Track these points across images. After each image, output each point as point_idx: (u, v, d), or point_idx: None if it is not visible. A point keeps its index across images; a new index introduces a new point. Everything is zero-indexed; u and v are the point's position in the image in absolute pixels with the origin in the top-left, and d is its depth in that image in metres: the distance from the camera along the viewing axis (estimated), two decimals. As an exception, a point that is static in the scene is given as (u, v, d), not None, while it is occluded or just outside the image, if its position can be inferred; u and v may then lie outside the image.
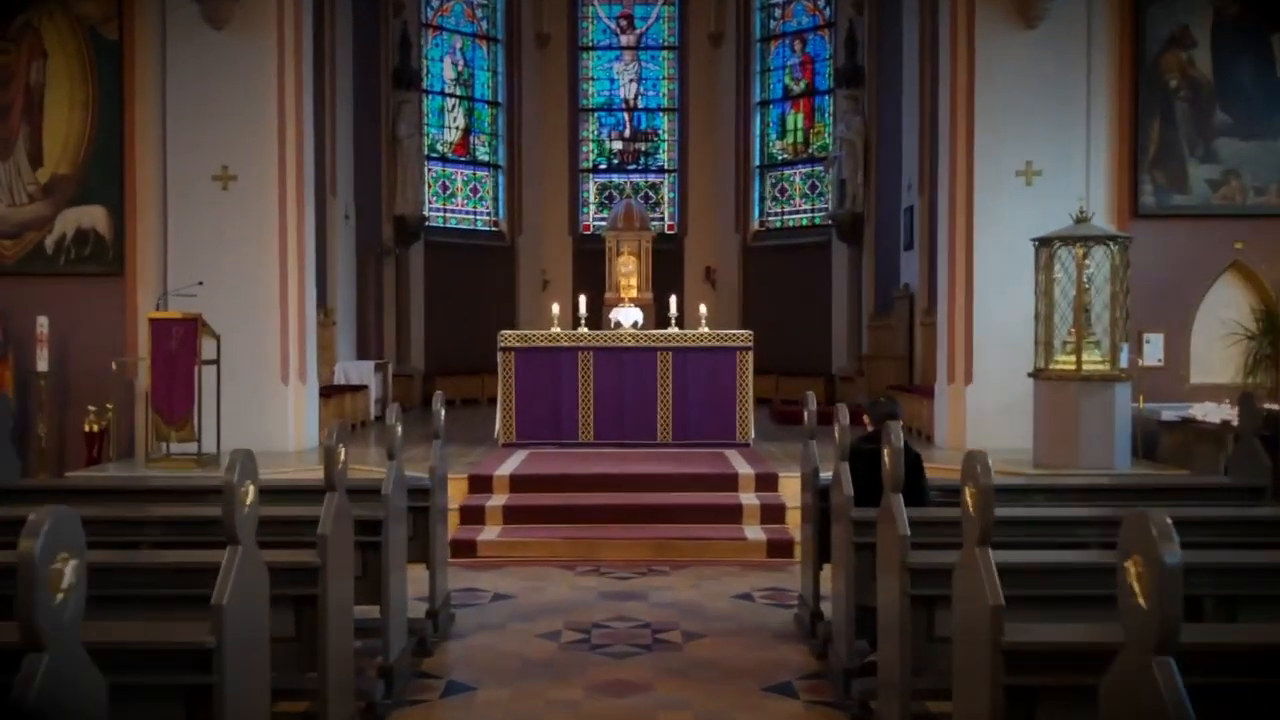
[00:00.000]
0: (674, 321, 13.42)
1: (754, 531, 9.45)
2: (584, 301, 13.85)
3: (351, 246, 16.83)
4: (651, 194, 21.92)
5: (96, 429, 10.99)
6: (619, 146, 22.07)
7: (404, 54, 18.67)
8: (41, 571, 2.61)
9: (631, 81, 22.03)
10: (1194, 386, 11.28)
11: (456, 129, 20.81)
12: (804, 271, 19.81)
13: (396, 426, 6.29)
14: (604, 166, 22.06)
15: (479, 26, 21.02)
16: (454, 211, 20.69)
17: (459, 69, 20.76)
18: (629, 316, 15.63)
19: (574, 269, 20.75)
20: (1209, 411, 10.02)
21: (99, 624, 3.31)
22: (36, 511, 2.64)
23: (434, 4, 20.28)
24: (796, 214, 20.87)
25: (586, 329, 13.20)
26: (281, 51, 11.57)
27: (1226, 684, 3.08)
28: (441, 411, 7.32)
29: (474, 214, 20.95)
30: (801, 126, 20.84)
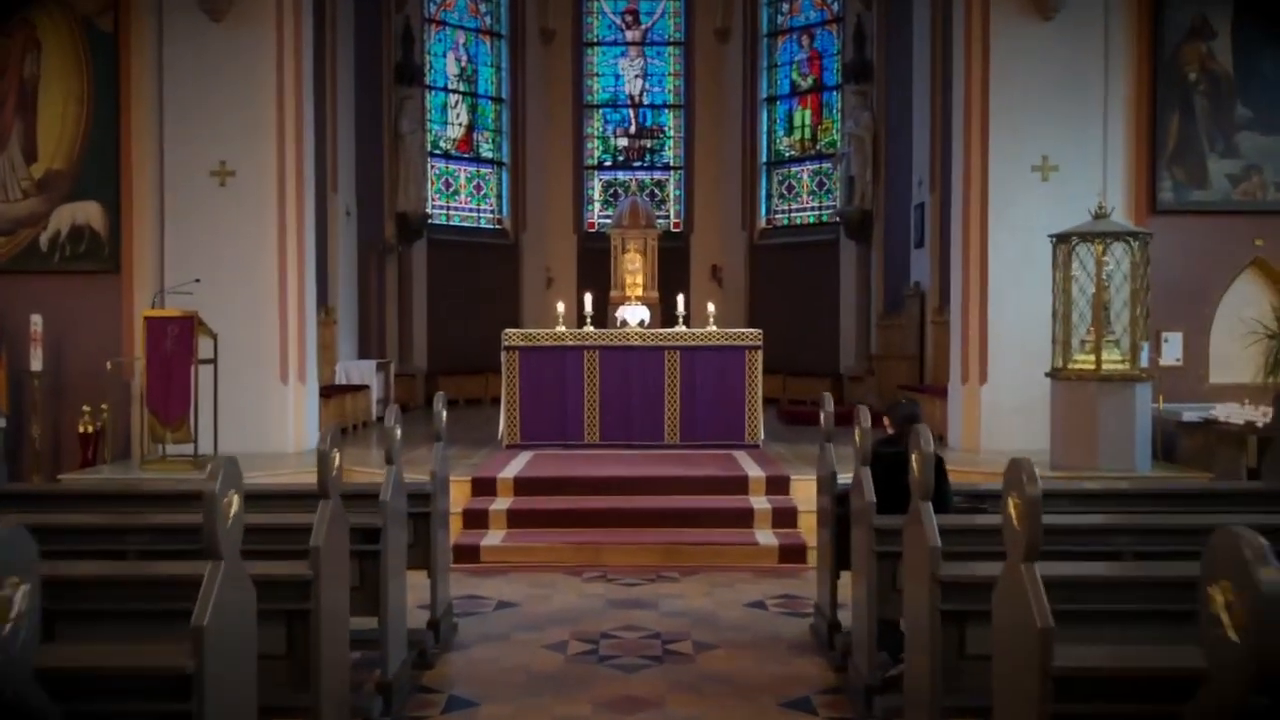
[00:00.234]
0: (681, 320, 13.15)
1: (765, 536, 9.18)
2: (589, 300, 13.60)
3: (353, 244, 16.58)
4: (657, 191, 21.64)
5: (91, 430, 10.77)
6: (624, 143, 21.79)
7: (406, 49, 18.42)
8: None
9: (637, 77, 21.75)
10: (1213, 386, 11.10)
11: (460, 125, 20.54)
12: (812, 270, 19.53)
13: (395, 429, 6.01)
14: (609, 163, 21.77)
15: (483, 21, 20.76)
16: (457, 209, 20.42)
17: (462, 64, 20.49)
18: (635, 314, 15.39)
19: (579, 267, 20.48)
20: (1232, 413, 9.79)
21: (67, 648, 3.05)
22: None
23: (437, -1, 20.05)
24: (804, 211, 20.58)
25: (592, 328, 12.95)
26: (281, 45, 11.35)
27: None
28: (443, 413, 7.03)
29: (477, 211, 20.68)
30: (809, 123, 20.55)
